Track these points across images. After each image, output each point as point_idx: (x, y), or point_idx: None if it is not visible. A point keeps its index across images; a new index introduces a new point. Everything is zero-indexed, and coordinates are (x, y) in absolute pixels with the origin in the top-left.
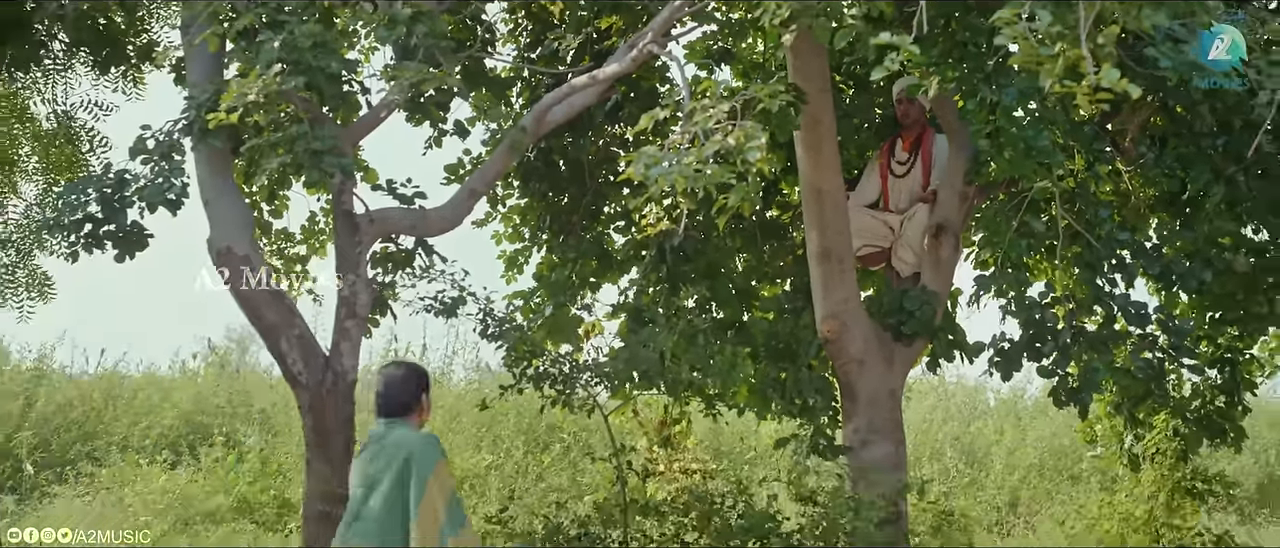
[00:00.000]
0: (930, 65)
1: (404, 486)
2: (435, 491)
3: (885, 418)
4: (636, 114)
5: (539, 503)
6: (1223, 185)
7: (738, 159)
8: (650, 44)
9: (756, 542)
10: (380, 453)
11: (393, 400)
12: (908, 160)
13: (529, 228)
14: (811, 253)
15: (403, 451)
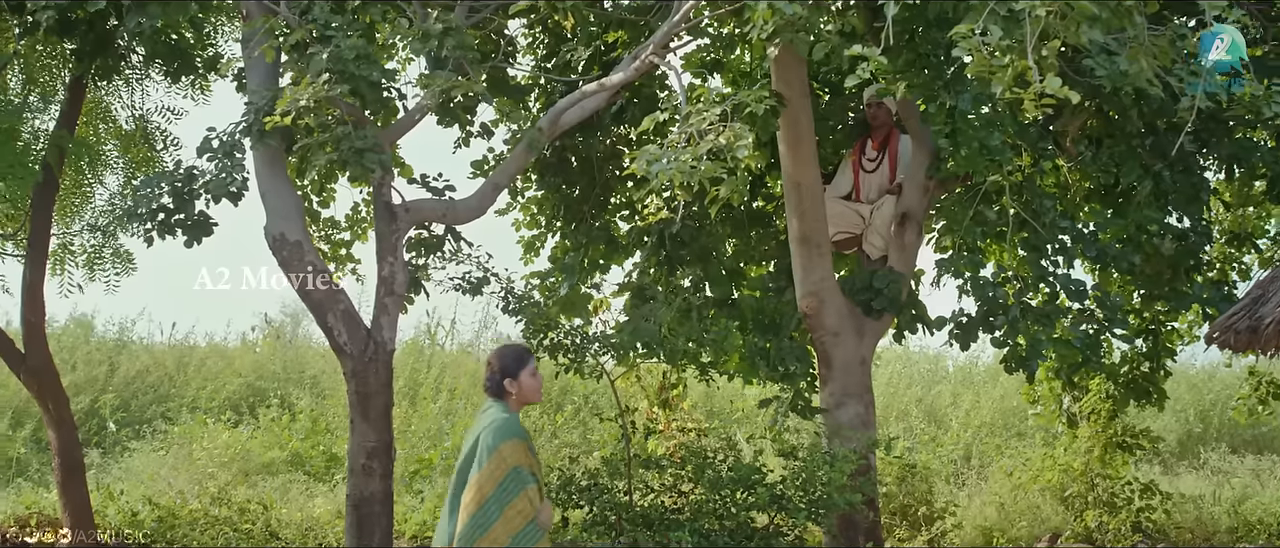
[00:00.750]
0: (896, 74)
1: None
2: (484, 473)
3: (857, 383)
4: (639, 117)
5: (554, 457)
6: (1150, 179)
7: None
8: (651, 55)
9: (743, 491)
10: (469, 435)
11: (488, 382)
12: (877, 157)
13: (545, 217)
14: (792, 238)
15: (477, 437)
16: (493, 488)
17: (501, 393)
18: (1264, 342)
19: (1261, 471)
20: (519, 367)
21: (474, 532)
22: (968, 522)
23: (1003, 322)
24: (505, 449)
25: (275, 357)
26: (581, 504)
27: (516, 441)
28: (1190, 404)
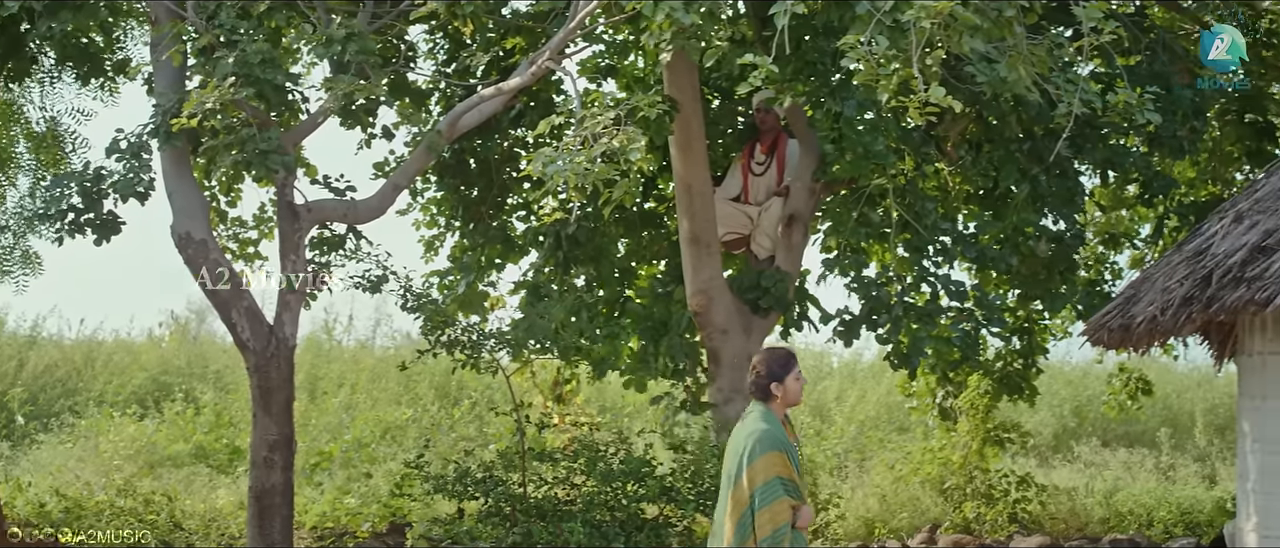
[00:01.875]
0: (785, 81)
1: (734, 481)
2: (746, 480)
3: (744, 379)
4: (536, 120)
5: (450, 451)
6: (1028, 183)
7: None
8: (547, 61)
9: (634, 484)
10: (732, 441)
11: (754, 385)
12: (765, 161)
13: (444, 217)
14: (683, 238)
15: (738, 446)
16: (747, 499)
17: (767, 396)
18: (1135, 340)
19: (1132, 463)
20: (784, 371)
21: (739, 540)
22: (851, 513)
23: (886, 320)
24: (760, 463)
25: (181, 352)
26: (477, 496)
27: (774, 452)
28: (1066, 400)
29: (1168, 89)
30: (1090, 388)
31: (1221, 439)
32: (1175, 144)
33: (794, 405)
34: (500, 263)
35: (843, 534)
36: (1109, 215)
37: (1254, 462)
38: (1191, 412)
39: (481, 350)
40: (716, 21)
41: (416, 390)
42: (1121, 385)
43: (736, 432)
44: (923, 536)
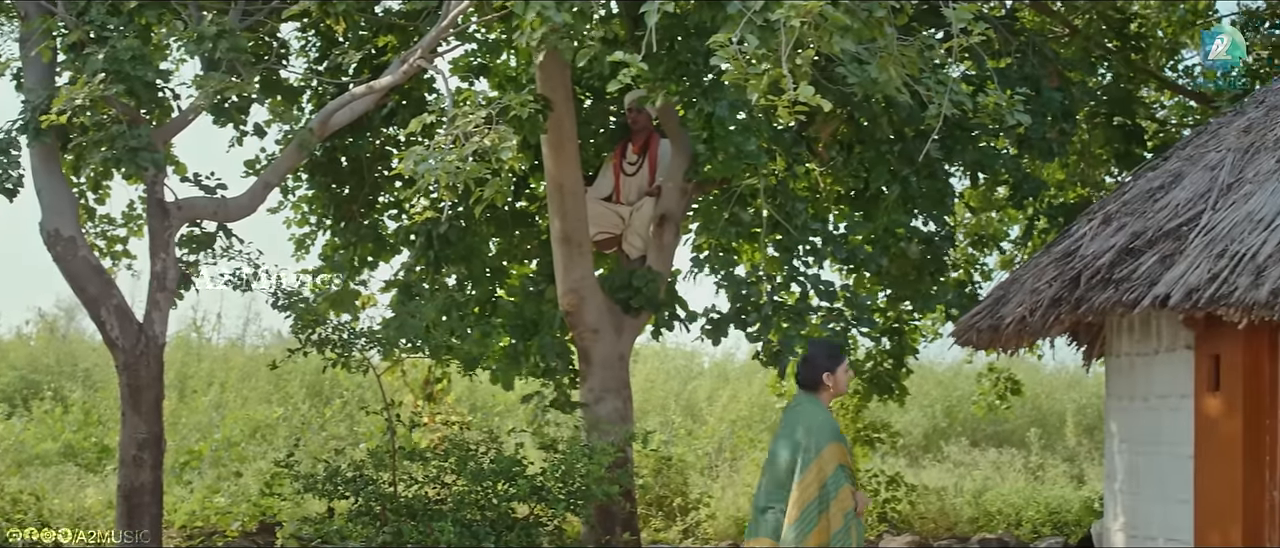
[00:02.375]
0: (657, 81)
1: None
2: (809, 477)
3: (615, 378)
4: (407, 118)
5: (321, 449)
6: (898, 184)
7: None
8: (419, 59)
9: (505, 483)
10: (783, 430)
11: (802, 376)
12: (637, 161)
13: (315, 215)
14: (554, 238)
15: (797, 436)
16: (816, 491)
17: (817, 386)
18: (1004, 341)
19: (1002, 463)
20: (835, 363)
21: (801, 533)
22: (721, 513)
23: (756, 319)
24: (826, 454)
25: (49, 350)
26: (347, 495)
27: (836, 443)
28: (937, 400)
29: (1037, 91)
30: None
31: (1090, 440)
32: (1045, 146)
33: (840, 396)
34: (371, 261)
35: (713, 534)
36: (979, 217)
37: (1121, 462)
38: (1061, 412)
39: (352, 349)
40: (588, 20)
41: (287, 389)
42: (991, 386)
43: (790, 421)
44: None
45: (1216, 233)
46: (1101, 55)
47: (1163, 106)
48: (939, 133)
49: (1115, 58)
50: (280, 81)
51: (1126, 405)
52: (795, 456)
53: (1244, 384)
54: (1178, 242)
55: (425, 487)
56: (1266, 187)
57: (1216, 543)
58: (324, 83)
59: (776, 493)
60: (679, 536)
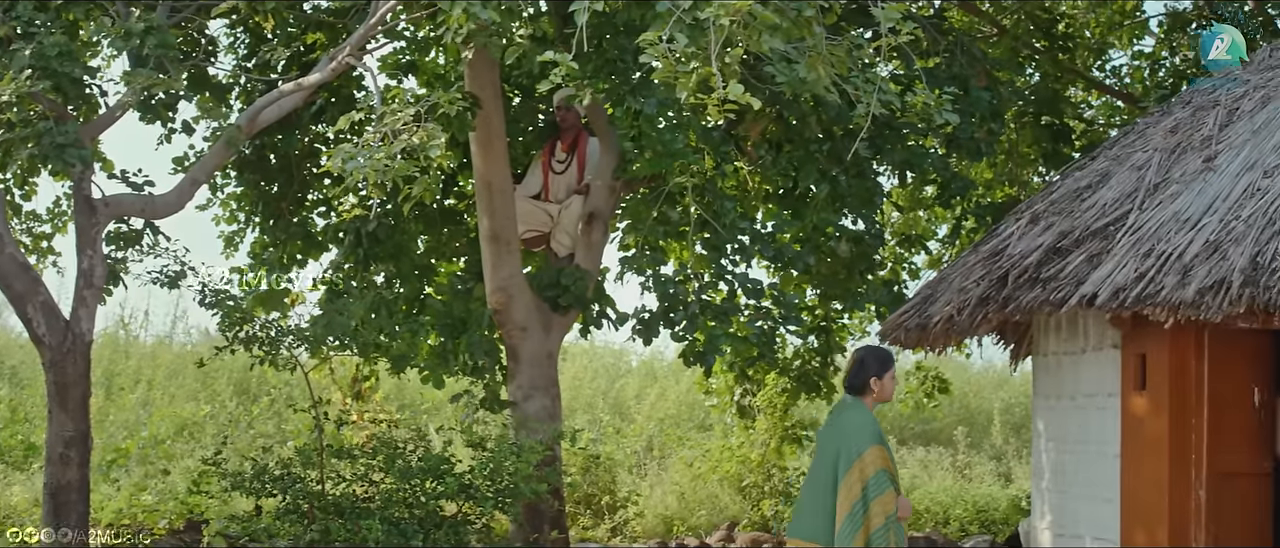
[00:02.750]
0: (585, 79)
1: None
2: (852, 478)
3: (544, 376)
4: (336, 116)
5: (248, 447)
6: (827, 183)
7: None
8: (348, 57)
9: (433, 481)
10: (828, 433)
11: (850, 380)
12: (566, 159)
13: (244, 212)
14: (483, 236)
15: (840, 438)
16: (859, 490)
17: (863, 390)
18: (932, 339)
19: (929, 462)
20: (884, 369)
21: (849, 534)
22: (649, 511)
23: (682, 318)
24: (868, 457)
25: None
26: (274, 494)
27: (878, 446)
28: None
29: (966, 91)
30: None
31: (1017, 438)
32: (973, 146)
33: (885, 402)
34: (300, 259)
35: (641, 532)
36: (907, 216)
37: (1048, 461)
38: (988, 411)
39: (280, 347)
40: (516, 18)
41: (215, 387)
42: (918, 384)
43: (835, 423)
44: (721, 533)
45: (1143, 232)
46: (1029, 55)
47: (1090, 106)
48: (867, 132)
49: (1043, 58)
50: (208, 78)
51: (1053, 404)
52: (839, 458)
53: (1170, 383)
54: (1105, 241)
55: (353, 485)
56: (1193, 186)
57: (1142, 542)
58: (252, 80)
59: (819, 494)
60: (607, 534)
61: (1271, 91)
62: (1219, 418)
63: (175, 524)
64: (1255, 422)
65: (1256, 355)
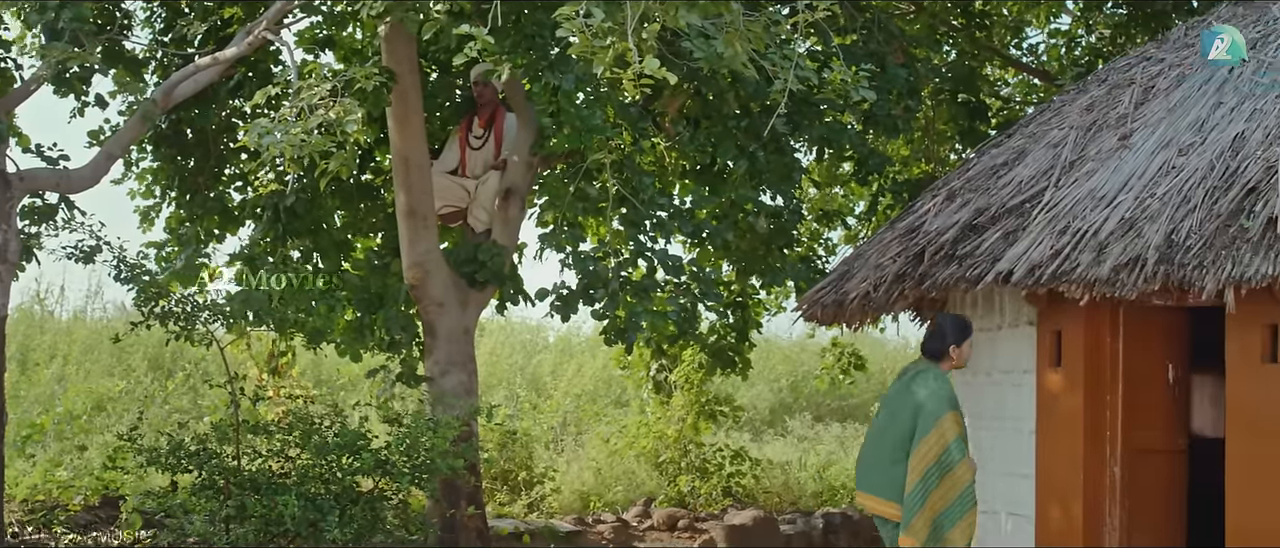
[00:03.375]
0: (503, 54)
1: (908, 433)
2: (929, 443)
3: (460, 352)
4: (253, 91)
5: (164, 423)
6: (745, 159)
7: (337, 130)
8: (265, 31)
9: (349, 456)
10: (901, 395)
11: (928, 345)
12: (483, 134)
13: (160, 187)
14: (400, 211)
15: (917, 401)
16: (936, 455)
17: (940, 357)
18: (848, 316)
19: (846, 438)
20: (963, 336)
21: (920, 497)
22: (566, 487)
23: (602, 294)
24: (946, 422)
25: None
26: (190, 469)
27: (955, 412)
28: (783, 374)
29: (883, 68)
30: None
31: None
32: (889, 122)
33: (959, 369)
34: (217, 234)
35: (558, 508)
36: (824, 192)
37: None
38: None
39: (196, 322)
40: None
41: (130, 362)
42: (834, 360)
43: (909, 385)
44: (637, 509)
45: (1059, 210)
46: (946, 32)
47: (1007, 84)
48: (785, 108)
49: (960, 35)
50: (124, 52)
51: (970, 380)
52: (914, 419)
53: (1085, 360)
54: (1021, 218)
55: (269, 461)
56: (1108, 164)
57: (1057, 517)
58: (169, 54)
59: (887, 452)
60: (524, 510)
61: (1186, 70)
62: (1134, 395)
63: (91, 500)
64: (1170, 399)
65: (1171, 333)
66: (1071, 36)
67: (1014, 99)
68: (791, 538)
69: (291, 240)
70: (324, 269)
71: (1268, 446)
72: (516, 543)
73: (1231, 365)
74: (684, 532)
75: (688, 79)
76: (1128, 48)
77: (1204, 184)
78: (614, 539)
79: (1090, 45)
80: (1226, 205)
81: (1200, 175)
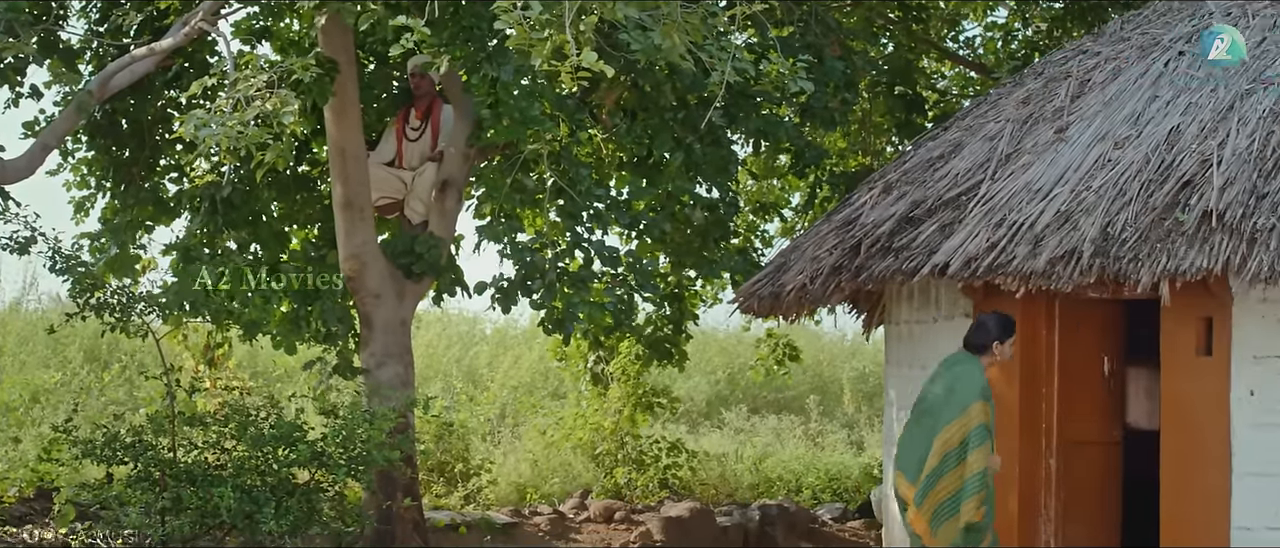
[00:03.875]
0: (440, 46)
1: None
2: (956, 425)
3: (397, 344)
4: (189, 82)
5: (100, 415)
6: (681, 151)
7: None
8: (201, 22)
9: (285, 448)
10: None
11: (972, 339)
12: (420, 126)
13: (95, 178)
14: (336, 203)
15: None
16: (958, 441)
17: (982, 351)
18: (785, 308)
19: (782, 430)
20: (1007, 335)
21: (934, 478)
22: (503, 479)
23: (540, 285)
24: (974, 409)
25: None
26: (126, 461)
27: (985, 402)
28: (719, 366)
29: (820, 60)
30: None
31: (869, 406)
32: (826, 115)
33: (998, 365)
34: (152, 225)
35: (494, 499)
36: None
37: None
38: (840, 379)
39: (132, 313)
40: None
41: (66, 354)
42: (769, 352)
43: (946, 374)
44: (574, 501)
45: (995, 202)
46: (883, 25)
47: (944, 77)
48: (722, 100)
49: (897, 28)
50: (59, 42)
51: (906, 373)
52: (945, 405)
53: (1021, 352)
54: (957, 211)
55: (205, 452)
56: (1044, 157)
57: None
58: (104, 44)
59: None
60: (460, 501)
61: (1122, 64)
62: (1069, 387)
63: (25, 492)
64: (1105, 391)
65: (1106, 325)
66: (1008, 30)
67: (950, 92)
68: (728, 530)
69: (227, 232)
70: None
71: (1202, 437)
72: (453, 535)
73: (1166, 358)
74: (620, 524)
75: (625, 71)
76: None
77: (1139, 177)
78: (550, 531)
79: (1027, 38)
80: (1161, 199)
81: (1135, 168)
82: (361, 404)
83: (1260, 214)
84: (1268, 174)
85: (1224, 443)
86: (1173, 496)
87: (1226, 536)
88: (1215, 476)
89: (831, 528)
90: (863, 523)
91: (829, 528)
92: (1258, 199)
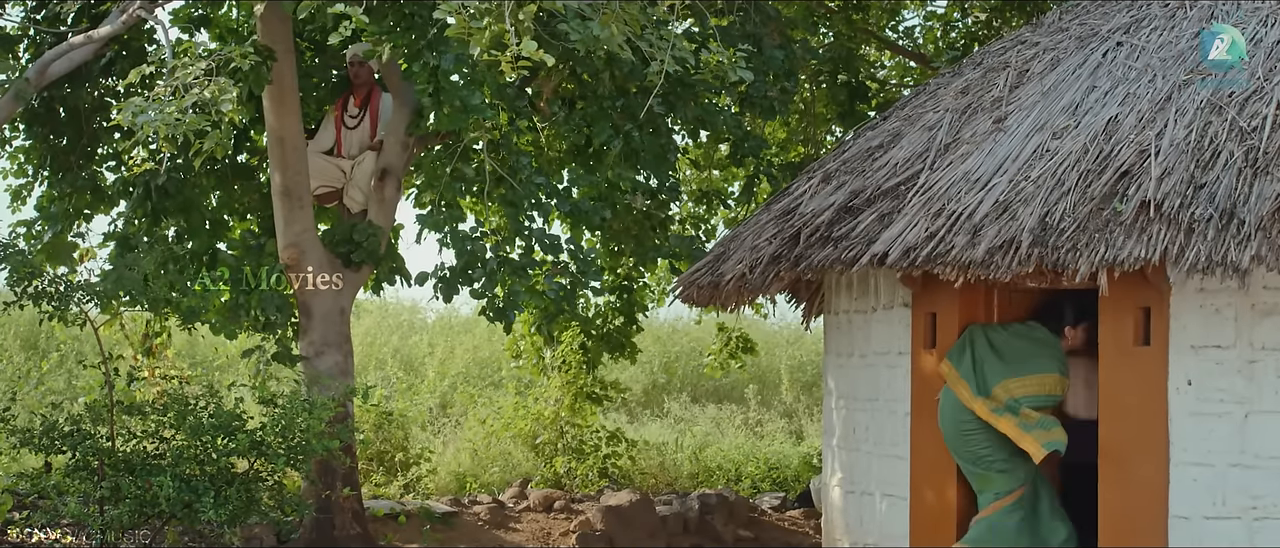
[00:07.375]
0: (380, 34)
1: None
2: (1037, 381)
3: (336, 332)
4: (127, 69)
5: (38, 404)
6: (622, 139)
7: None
8: (139, 9)
9: (224, 437)
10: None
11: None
12: (358, 114)
13: (32, 166)
14: (275, 191)
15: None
16: (1035, 392)
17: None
18: (724, 297)
19: (722, 419)
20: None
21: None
22: (442, 468)
23: (481, 274)
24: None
25: None
26: (64, 450)
27: (1062, 376)
28: (656, 356)
29: (759, 49)
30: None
31: (808, 396)
32: (766, 104)
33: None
34: (89, 214)
35: (434, 489)
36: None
37: (840, 418)
38: (779, 369)
39: (69, 302)
40: None
41: (3, 342)
42: (723, 345)
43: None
44: (514, 490)
45: (934, 192)
46: (824, 14)
47: (884, 67)
48: (661, 89)
49: (837, 17)
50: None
51: (845, 362)
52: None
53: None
54: (896, 200)
55: (144, 442)
56: (983, 147)
57: (932, 498)
58: (41, 32)
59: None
60: (400, 491)
61: (1061, 54)
62: None
63: None
64: None
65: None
66: (947, 20)
67: (890, 81)
68: (667, 519)
69: (165, 220)
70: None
71: (1140, 427)
72: (392, 524)
73: (1104, 348)
74: (560, 513)
75: (564, 60)
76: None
77: (1078, 167)
78: (490, 521)
79: (966, 28)
80: (1100, 189)
81: (1074, 158)
82: (301, 393)
83: (1198, 204)
84: (1205, 164)
85: (1162, 433)
86: (1111, 485)
87: (1164, 525)
88: (1153, 465)
89: (771, 517)
90: (802, 512)
91: (768, 517)
92: (1195, 189)
